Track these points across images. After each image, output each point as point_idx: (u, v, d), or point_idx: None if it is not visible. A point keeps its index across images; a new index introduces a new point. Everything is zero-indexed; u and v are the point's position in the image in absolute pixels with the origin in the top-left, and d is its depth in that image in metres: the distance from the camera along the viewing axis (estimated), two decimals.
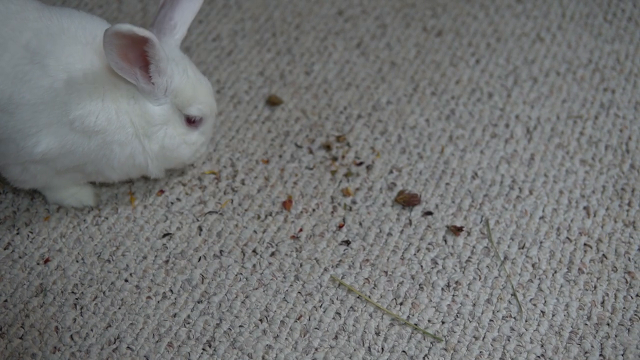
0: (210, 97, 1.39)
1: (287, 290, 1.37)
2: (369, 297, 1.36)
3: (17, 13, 1.25)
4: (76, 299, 1.35)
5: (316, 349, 1.28)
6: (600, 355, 1.28)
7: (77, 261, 1.41)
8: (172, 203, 1.51)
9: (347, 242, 1.44)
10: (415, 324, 1.32)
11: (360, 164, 1.59)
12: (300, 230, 1.46)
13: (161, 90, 1.29)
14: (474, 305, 1.35)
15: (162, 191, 1.53)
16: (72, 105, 1.24)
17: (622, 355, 1.28)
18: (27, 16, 1.25)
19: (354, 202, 1.51)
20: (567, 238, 1.46)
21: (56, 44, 1.24)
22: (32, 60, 1.22)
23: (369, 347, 1.29)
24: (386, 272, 1.40)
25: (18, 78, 1.22)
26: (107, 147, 1.32)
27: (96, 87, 1.26)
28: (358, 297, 1.36)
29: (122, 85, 1.28)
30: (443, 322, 1.32)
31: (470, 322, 1.32)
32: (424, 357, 1.27)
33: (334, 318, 1.33)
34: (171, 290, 1.37)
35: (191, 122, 1.37)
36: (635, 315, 1.33)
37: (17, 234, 1.45)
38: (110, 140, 1.31)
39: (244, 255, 1.42)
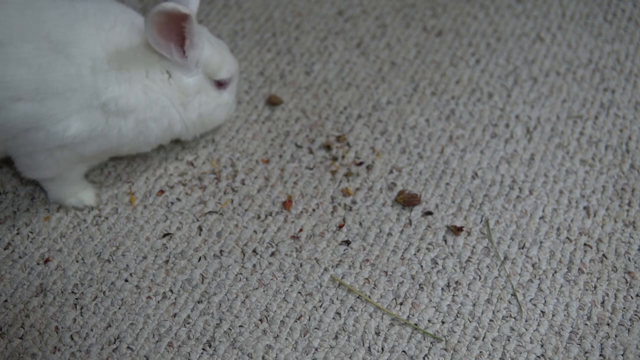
0: (231, 56, 1.48)
1: (287, 290, 1.37)
2: (369, 297, 1.36)
3: (33, 3, 1.27)
4: (76, 299, 1.35)
5: (316, 349, 1.28)
6: (600, 355, 1.28)
7: (77, 261, 1.41)
8: (172, 203, 1.51)
9: (347, 242, 1.44)
10: (415, 324, 1.32)
11: (361, 164, 1.59)
12: (301, 230, 1.46)
13: (193, 63, 1.37)
14: (474, 305, 1.35)
15: (162, 191, 1.53)
16: (101, 89, 1.28)
17: (622, 355, 1.28)
18: (44, 5, 1.27)
19: (354, 202, 1.52)
20: (567, 238, 1.46)
21: (78, 32, 1.27)
22: (56, 50, 1.25)
23: (369, 347, 1.29)
24: (386, 272, 1.40)
25: (43, 68, 1.24)
26: (143, 125, 1.37)
27: (122, 72, 1.30)
28: (358, 297, 1.36)
29: (154, 62, 1.34)
30: (443, 322, 1.32)
31: (470, 322, 1.32)
32: (424, 357, 1.27)
33: (334, 318, 1.33)
34: (171, 290, 1.37)
35: (221, 84, 1.45)
36: (635, 315, 1.33)
37: (17, 234, 1.45)
38: (144, 118, 1.35)
39: (244, 255, 1.42)
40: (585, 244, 1.45)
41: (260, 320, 1.32)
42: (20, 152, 1.37)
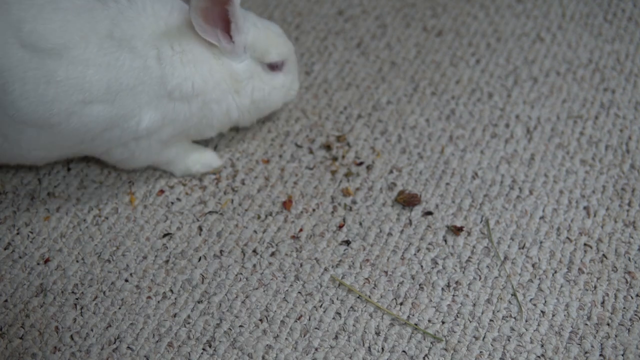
0: (283, 37, 1.46)
1: (287, 290, 1.37)
2: (369, 297, 1.36)
3: (88, 4, 1.29)
4: (76, 299, 1.35)
5: (316, 349, 1.28)
6: (600, 355, 1.28)
7: (77, 261, 1.41)
8: (172, 203, 1.51)
9: (347, 242, 1.44)
10: (416, 324, 1.32)
11: (361, 164, 1.59)
12: (301, 230, 1.46)
13: (240, 48, 1.38)
14: (474, 305, 1.35)
15: (162, 191, 1.53)
16: (168, 77, 1.30)
17: (622, 355, 1.28)
18: (98, 6, 1.29)
19: (354, 202, 1.52)
20: (567, 238, 1.46)
21: (138, 24, 1.30)
22: (120, 46, 1.27)
23: (369, 347, 1.29)
24: (386, 272, 1.40)
25: (111, 65, 1.26)
26: (207, 108, 1.39)
27: (185, 54, 1.32)
28: (358, 297, 1.36)
29: (209, 48, 1.35)
30: (443, 322, 1.32)
31: (470, 322, 1.32)
32: (424, 357, 1.27)
33: (334, 318, 1.33)
34: (171, 290, 1.37)
35: (274, 67, 1.44)
36: (636, 315, 1.33)
37: (17, 234, 1.45)
38: (209, 100, 1.38)
39: (244, 255, 1.42)
40: (585, 244, 1.45)
41: (260, 320, 1.32)
42: (97, 151, 1.41)
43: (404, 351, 1.28)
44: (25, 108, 1.23)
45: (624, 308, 1.35)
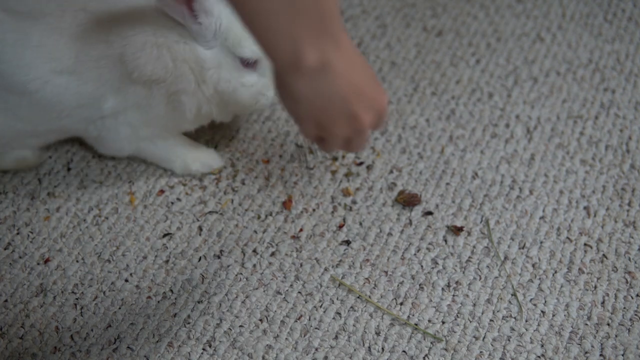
0: None
1: (287, 290, 1.37)
2: (369, 297, 1.36)
3: None
4: (76, 299, 1.35)
5: (316, 349, 1.28)
6: (601, 355, 1.28)
7: (77, 261, 1.41)
8: (172, 203, 1.51)
9: (347, 242, 1.44)
10: (416, 324, 1.32)
11: (361, 164, 1.59)
12: (301, 230, 1.46)
13: (210, 32, 1.27)
14: (474, 305, 1.35)
15: (162, 191, 1.53)
16: (128, 56, 1.25)
17: (623, 355, 1.28)
18: None
19: (354, 202, 1.51)
20: (568, 238, 1.46)
21: (109, 1, 1.28)
22: (91, 20, 1.26)
23: (369, 347, 1.29)
24: (386, 272, 1.40)
25: (81, 38, 1.25)
26: (175, 99, 1.32)
27: (147, 36, 1.26)
28: (358, 297, 1.36)
29: (175, 29, 1.27)
30: (443, 322, 1.32)
31: (470, 322, 1.32)
32: (424, 357, 1.27)
33: (334, 318, 1.33)
34: (171, 290, 1.37)
35: (247, 64, 1.33)
36: (636, 315, 1.33)
37: (17, 234, 1.45)
38: (175, 91, 1.31)
39: (244, 255, 1.42)
40: (585, 244, 1.45)
41: (261, 320, 1.32)
42: (79, 130, 1.41)
43: (404, 351, 1.28)
44: (4, 71, 1.24)
45: (624, 308, 1.34)
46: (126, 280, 1.38)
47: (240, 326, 1.31)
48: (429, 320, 1.32)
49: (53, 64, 1.25)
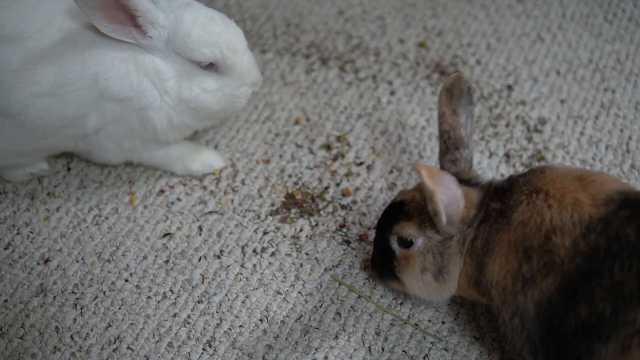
0: (219, 36, 1.27)
1: (287, 290, 1.37)
2: (369, 297, 1.36)
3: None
4: (76, 299, 1.35)
5: (316, 349, 1.28)
6: None
7: (77, 261, 1.41)
8: (172, 203, 1.51)
9: (347, 242, 1.44)
10: (416, 324, 1.32)
11: (361, 164, 1.59)
12: (301, 230, 1.46)
13: (161, 42, 1.26)
14: (474, 305, 1.35)
15: (162, 191, 1.53)
16: (100, 75, 1.26)
17: None
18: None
19: (354, 202, 1.51)
20: None
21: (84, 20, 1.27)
22: (66, 39, 1.25)
23: (369, 347, 1.29)
24: None
25: (60, 59, 1.24)
26: (143, 115, 1.32)
27: (115, 51, 1.26)
28: (358, 297, 1.36)
29: (131, 46, 1.26)
30: (443, 322, 1.32)
31: (470, 322, 1.32)
32: (424, 357, 1.27)
33: (334, 318, 1.33)
34: (171, 290, 1.37)
35: (206, 67, 1.30)
36: None
37: (17, 234, 1.45)
38: (140, 107, 1.30)
39: (244, 255, 1.42)
40: None
41: (260, 320, 1.32)
42: (62, 148, 1.42)
43: (404, 351, 1.28)
44: None
45: None
46: (126, 280, 1.38)
47: (240, 326, 1.31)
48: (429, 320, 1.32)
49: (33, 88, 1.24)
